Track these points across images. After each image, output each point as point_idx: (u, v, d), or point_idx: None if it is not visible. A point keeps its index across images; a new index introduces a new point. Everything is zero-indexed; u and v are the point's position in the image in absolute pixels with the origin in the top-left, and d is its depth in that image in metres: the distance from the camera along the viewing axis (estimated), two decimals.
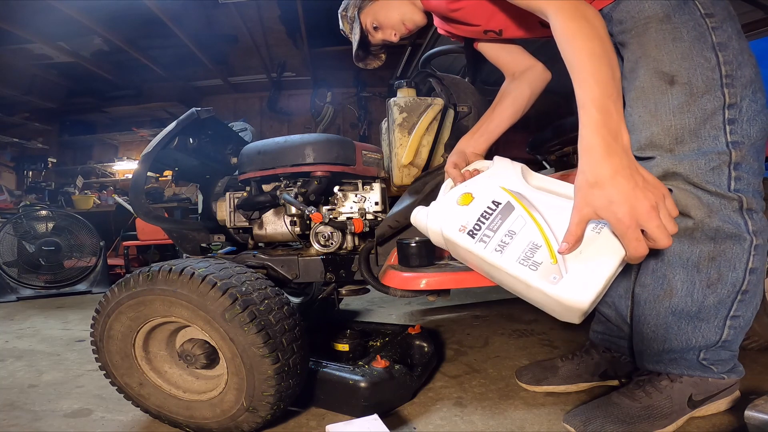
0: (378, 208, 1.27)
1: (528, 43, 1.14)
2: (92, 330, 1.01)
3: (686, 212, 0.84)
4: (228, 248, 1.44)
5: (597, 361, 1.12)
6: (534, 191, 0.77)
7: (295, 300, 1.79)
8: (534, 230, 0.71)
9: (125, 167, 5.60)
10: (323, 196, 1.26)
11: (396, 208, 1.14)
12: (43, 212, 3.46)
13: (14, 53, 4.04)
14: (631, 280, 1.03)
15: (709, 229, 0.83)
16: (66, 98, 5.20)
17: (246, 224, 1.34)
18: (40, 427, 1.06)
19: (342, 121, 5.49)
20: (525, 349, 1.48)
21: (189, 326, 0.98)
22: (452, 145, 1.08)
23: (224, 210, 1.36)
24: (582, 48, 0.65)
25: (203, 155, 1.42)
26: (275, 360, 0.87)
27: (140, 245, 4.04)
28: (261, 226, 1.31)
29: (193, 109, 1.29)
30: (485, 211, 0.76)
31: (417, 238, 1.02)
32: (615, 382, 1.11)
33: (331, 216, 1.21)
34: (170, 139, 1.25)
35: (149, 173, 1.27)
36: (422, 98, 1.22)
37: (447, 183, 0.92)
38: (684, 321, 0.88)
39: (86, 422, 1.08)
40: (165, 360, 1.04)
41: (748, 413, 0.69)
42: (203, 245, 1.36)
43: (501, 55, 1.15)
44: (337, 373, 1.04)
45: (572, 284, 0.65)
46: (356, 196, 1.27)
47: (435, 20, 1.17)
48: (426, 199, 1.09)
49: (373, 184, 1.29)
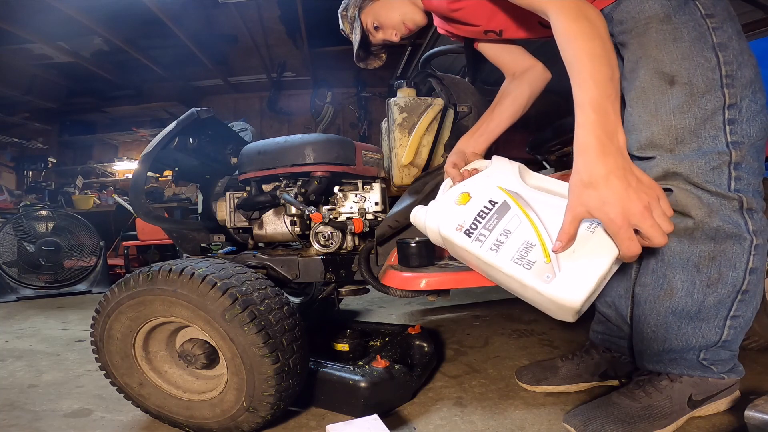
0: (378, 208, 1.27)
1: (528, 44, 1.14)
2: (92, 330, 1.01)
3: (686, 212, 0.84)
4: (228, 248, 1.44)
5: (597, 361, 1.12)
6: (531, 190, 0.78)
7: (295, 300, 1.79)
8: (529, 229, 0.71)
9: (125, 167, 5.60)
10: (323, 196, 1.26)
11: (396, 208, 1.14)
12: (43, 212, 3.46)
13: (14, 53, 4.04)
14: (631, 280, 1.03)
15: (710, 229, 0.83)
16: (66, 98, 5.21)
17: (246, 224, 1.34)
18: (40, 427, 1.06)
19: (342, 121, 5.49)
20: (525, 349, 1.47)
21: (189, 326, 0.98)
22: (452, 145, 1.08)
23: (224, 210, 1.36)
24: (582, 48, 0.65)
25: (203, 155, 1.42)
26: (275, 360, 0.87)
27: (140, 245, 4.04)
28: (261, 226, 1.31)
29: (193, 109, 1.29)
30: (482, 211, 0.77)
31: (417, 238, 1.02)
32: (615, 382, 1.11)
33: (331, 216, 1.21)
34: (170, 139, 1.25)
35: (149, 173, 1.27)
36: (422, 98, 1.22)
37: (446, 183, 0.93)
38: (684, 321, 0.88)
39: (86, 422, 1.08)
40: (165, 360, 1.04)
41: (748, 413, 0.69)
42: (203, 245, 1.36)
43: (501, 55, 1.15)
44: (337, 373, 1.04)
45: (565, 283, 0.65)
46: (356, 196, 1.27)
47: (435, 20, 1.17)
48: (426, 199, 1.09)
49: (373, 184, 1.29)
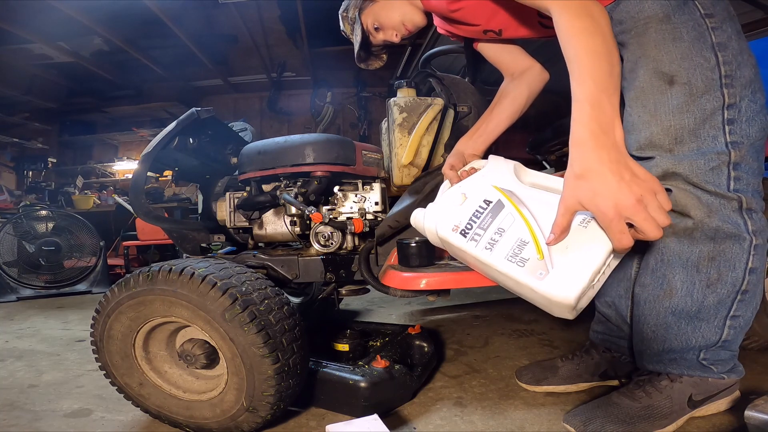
0: (378, 208, 1.27)
1: (527, 44, 1.14)
2: (92, 330, 1.01)
3: (686, 212, 0.84)
4: (228, 248, 1.44)
5: (597, 361, 1.12)
6: (526, 188, 0.78)
7: (295, 300, 1.79)
8: (522, 227, 0.71)
9: (125, 167, 5.60)
10: (323, 196, 1.26)
11: (396, 208, 1.14)
12: (43, 212, 3.46)
13: (14, 53, 4.04)
14: (631, 280, 1.03)
15: (709, 229, 0.83)
16: (66, 98, 5.21)
17: (246, 224, 1.34)
18: (40, 427, 1.06)
19: (342, 121, 5.49)
20: (525, 349, 1.48)
21: (189, 326, 0.98)
22: (452, 145, 1.09)
23: (224, 210, 1.36)
24: (583, 45, 0.65)
25: (203, 155, 1.42)
26: (275, 360, 0.87)
27: (140, 245, 4.04)
28: (261, 226, 1.31)
29: (193, 109, 1.29)
30: (477, 210, 0.77)
31: (417, 238, 1.02)
32: (615, 382, 1.12)
33: (331, 216, 1.21)
34: (170, 139, 1.25)
35: (149, 173, 1.27)
36: (422, 98, 1.22)
37: (444, 184, 0.93)
38: (684, 321, 0.88)
39: (86, 422, 1.08)
40: (165, 360, 1.04)
41: (748, 413, 0.69)
42: (203, 245, 1.36)
43: (500, 56, 1.15)
44: (337, 373, 1.04)
45: (558, 279, 0.65)
46: (356, 196, 1.27)
47: (435, 20, 1.17)
48: (426, 199, 1.09)
49: (373, 184, 1.29)
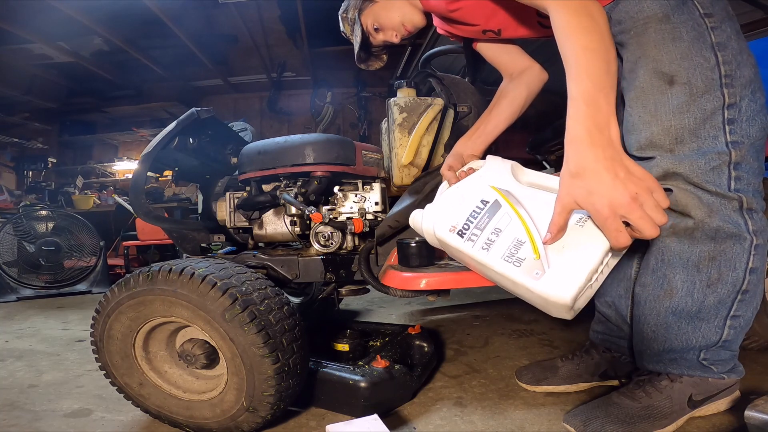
0: (378, 208, 1.27)
1: (527, 44, 1.14)
2: (92, 330, 1.01)
3: (686, 212, 0.84)
4: (228, 248, 1.44)
5: (597, 361, 1.12)
6: (523, 188, 0.78)
7: (295, 300, 1.79)
8: (519, 227, 0.71)
9: (125, 167, 5.60)
10: (323, 196, 1.26)
11: (396, 208, 1.14)
12: (43, 212, 3.46)
13: (14, 53, 4.04)
14: (631, 280, 1.03)
15: (710, 229, 0.83)
16: (66, 98, 5.21)
17: (246, 224, 1.34)
18: (40, 427, 1.06)
19: (342, 121, 5.49)
20: (525, 349, 1.48)
21: (189, 326, 0.98)
22: (452, 145, 1.09)
23: (224, 210, 1.36)
24: (579, 43, 0.65)
25: (203, 155, 1.42)
26: (275, 360, 0.87)
27: (140, 245, 4.04)
28: (261, 226, 1.31)
29: (193, 109, 1.29)
30: (474, 211, 0.77)
31: (417, 238, 1.01)
32: (615, 382, 1.12)
33: (331, 216, 1.21)
34: (170, 139, 1.25)
35: (149, 173, 1.27)
36: (422, 98, 1.22)
37: (443, 185, 0.93)
38: (684, 321, 0.88)
39: (86, 422, 1.08)
40: (165, 360, 1.04)
41: (748, 413, 0.69)
42: (203, 245, 1.36)
43: (499, 56, 1.15)
44: (337, 373, 1.04)
45: (554, 279, 0.64)
46: (356, 196, 1.27)
47: (434, 20, 1.17)
48: (426, 200, 1.09)
49: (373, 184, 1.29)
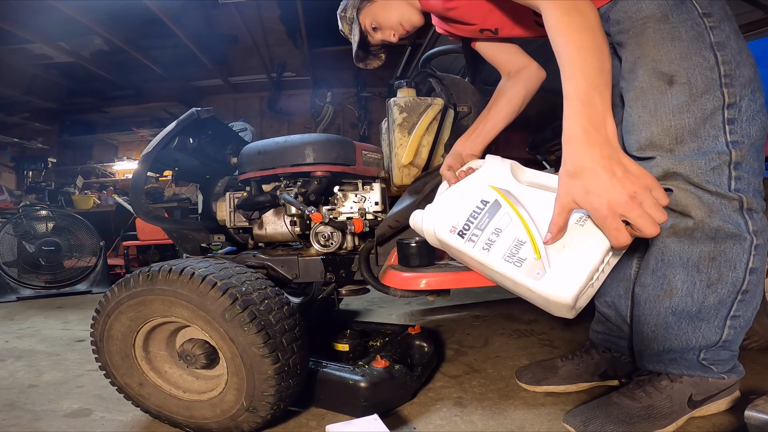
0: (378, 208, 1.27)
1: (526, 44, 1.14)
2: (92, 330, 1.01)
3: (686, 212, 0.84)
4: (228, 248, 1.44)
5: (597, 361, 1.12)
6: (522, 187, 0.78)
7: (295, 300, 1.79)
8: (519, 226, 0.71)
9: (125, 167, 5.60)
10: (323, 196, 1.26)
11: (396, 208, 1.14)
12: (43, 212, 3.46)
13: (14, 53, 4.04)
14: (631, 280, 1.03)
15: (710, 229, 0.83)
16: (66, 98, 5.21)
17: (246, 224, 1.34)
18: (40, 427, 1.06)
19: (342, 121, 5.49)
20: (525, 349, 1.48)
21: (189, 326, 0.98)
22: (452, 145, 1.08)
23: (224, 210, 1.36)
24: (571, 41, 0.64)
25: (203, 155, 1.42)
26: (275, 360, 0.87)
27: (140, 245, 4.04)
28: (261, 226, 1.31)
29: (193, 109, 1.29)
30: (474, 211, 0.77)
31: (417, 238, 1.01)
32: (615, 382, 1.12)
33: (331, 216, 1.21)
34: (170, 139, 1.25)
35: (149, 173, 1.27)
36: (422, 98, 1.22)
37: (443, 185, 0.93)
38: (684, 321, 0.88)
39: (86, 422, 1.08)
40: (165, 360, 1.04)
41: (748, 413, 0.69)
42: (203, 245, 1.36)
43: (497, 55, 1.15)
44: (337, 373, 1.04)
45: (555, 279, 0.65)
46: (356, 196, 1.27)
47: (433, 19, 1.17)
48: (426, 200, 1.09)
49: (373, 184, 1.29)
